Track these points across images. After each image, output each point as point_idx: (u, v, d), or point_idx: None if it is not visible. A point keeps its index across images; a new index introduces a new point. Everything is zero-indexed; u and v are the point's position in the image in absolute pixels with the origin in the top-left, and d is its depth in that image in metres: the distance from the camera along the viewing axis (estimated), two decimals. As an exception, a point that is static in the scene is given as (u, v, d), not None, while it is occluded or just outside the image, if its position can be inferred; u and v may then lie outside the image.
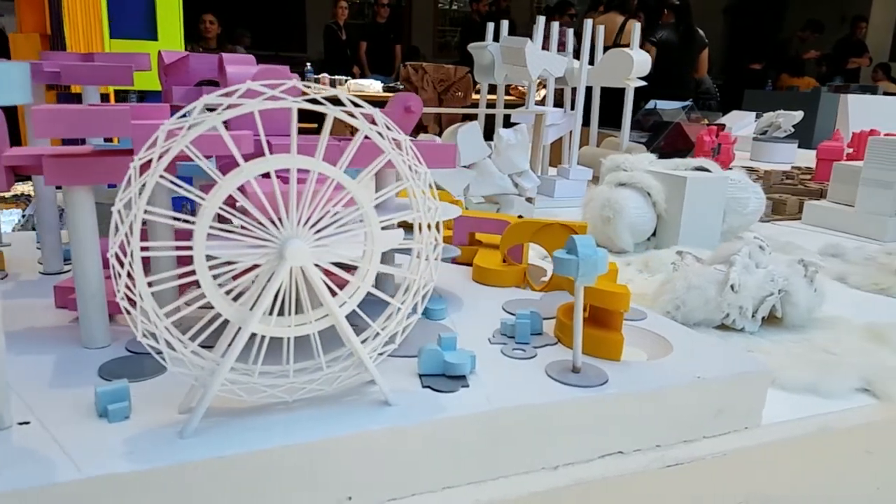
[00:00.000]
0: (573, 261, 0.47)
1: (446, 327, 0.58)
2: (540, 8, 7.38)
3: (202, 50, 4.56)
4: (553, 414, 0.46)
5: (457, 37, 8.26)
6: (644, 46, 4.39)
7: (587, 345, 0.54)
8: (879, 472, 0.62)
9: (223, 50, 4.67)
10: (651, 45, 4.49)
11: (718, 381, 0.51)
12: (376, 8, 6.20)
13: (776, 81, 6.40)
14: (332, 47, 5.97)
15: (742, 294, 0.69)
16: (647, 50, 4.43)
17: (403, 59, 6.14)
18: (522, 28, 1.46)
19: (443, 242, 0.71)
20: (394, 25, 6.50)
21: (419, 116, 0.61)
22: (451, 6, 9.63)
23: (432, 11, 9.06)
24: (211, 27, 4.62)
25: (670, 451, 0.51)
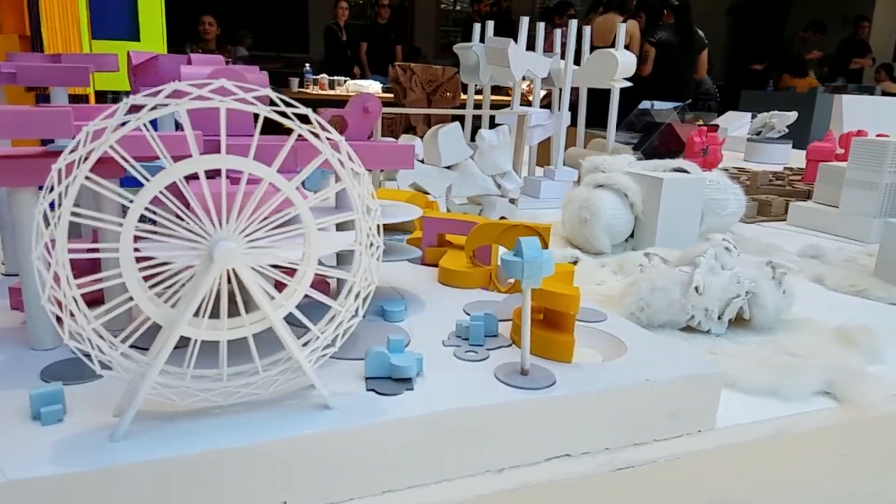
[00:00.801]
0: (518, 263, 0.47)
1: (402, 329, 0.58)
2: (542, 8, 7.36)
3: (201, 51, 4.57)
4: (497, 416, 0.46)
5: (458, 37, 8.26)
6: (643, 47, 4.39)
7: (539, 347, 0.53)
8: (854, 476, 0.61)
9: (222, 51, 4.68)
10: (651, 45, 4.49)
11: (668, 383, 0.51)
12: (377, 9, 6.20)
13: (778, 82, 6.38)
14: (333, 48, 5.98)
15: (707, 296, 0.68)
16: (647, 50, 4.44)
17: (404, 59, 6.14)
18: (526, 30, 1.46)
19: (407, 244, 0.71)
20: (394, 26, 6.50)
21: (378, 117, 0.61)
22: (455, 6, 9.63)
23: (434, 12, 9.05)
24: (210, 28, 4.63)
25: (620, 453, 0.50)
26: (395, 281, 0.72)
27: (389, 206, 0.65)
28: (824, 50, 6.97)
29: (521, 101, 1.48)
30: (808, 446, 0.57)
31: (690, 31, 4.45)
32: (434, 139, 1.16)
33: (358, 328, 0.57)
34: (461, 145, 1.18)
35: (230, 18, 6.53)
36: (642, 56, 4.54)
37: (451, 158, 1.17)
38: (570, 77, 1.39)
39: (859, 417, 0.59)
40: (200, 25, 4.63)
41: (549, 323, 0.55)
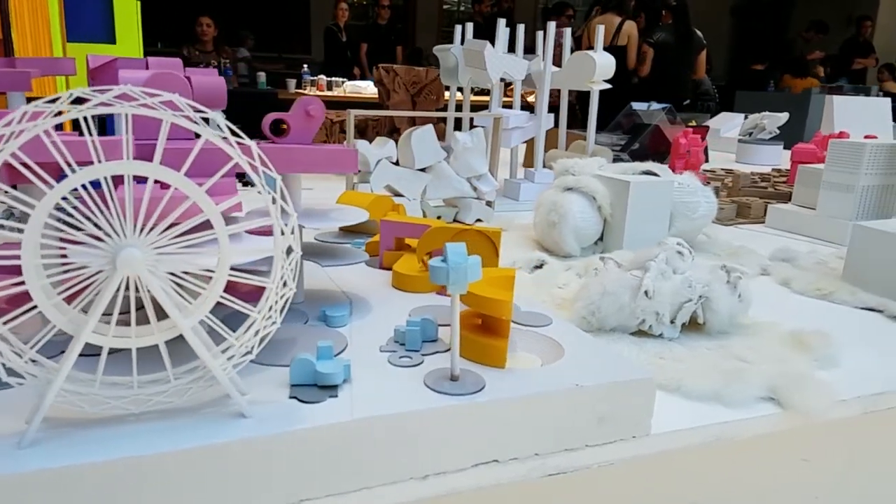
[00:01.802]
0: (443, 268, 0.47)
1: (341, 335, 0.57)
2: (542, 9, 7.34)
3: (198, 53, 4.58)
4: (421, 423, 0.46)
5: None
6: (642, 48, 4.39)
7: (473, 352, 0.53)
8: (818, 481, 0.61)
9: (220, 52, 4.69)
10: (649, 46, 4.48)
11: (598, 388, 0.51)
12: (377, 9, 6.20)
13: (779, 82, 6.36)
14: (332, 49, 5.98)
15: (657, 300, 0.68)
16: (645, 51, 4.43)
17: (405, 60, 6.14)
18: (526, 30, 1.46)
19: (356, 248, 0.71)
20: (395, 27, 6.50)
21: (321, 121, 0.61)
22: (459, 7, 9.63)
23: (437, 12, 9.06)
24: (207, 30, 4.63)
25: (551, 459, 0.50)
26: (349, 285, 0.72)
27: (335, 209, 0.65)
28: (827, 50, 6.94)
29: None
30: (748, 453, 0.57)
31: (689, 31, 4.43)
32: (408, 142, 1.16)
33: (295, 334, 0.57)
34: (435, 148, 1.18)
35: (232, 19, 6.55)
36: (641, 56, 4.54)
37: (424, 161, 1.17)
38: (549, 79, 1.38)
39: (802, 424, 0.58)
40: (198, 27, 4.64)
41: (486, 328, 0.55)
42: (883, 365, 0.70)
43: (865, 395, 0.62)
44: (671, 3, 4.35)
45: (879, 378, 0.66)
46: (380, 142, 1.18)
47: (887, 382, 0.65)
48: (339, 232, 0.96)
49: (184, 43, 4.66)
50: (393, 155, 1.17)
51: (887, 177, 1.20)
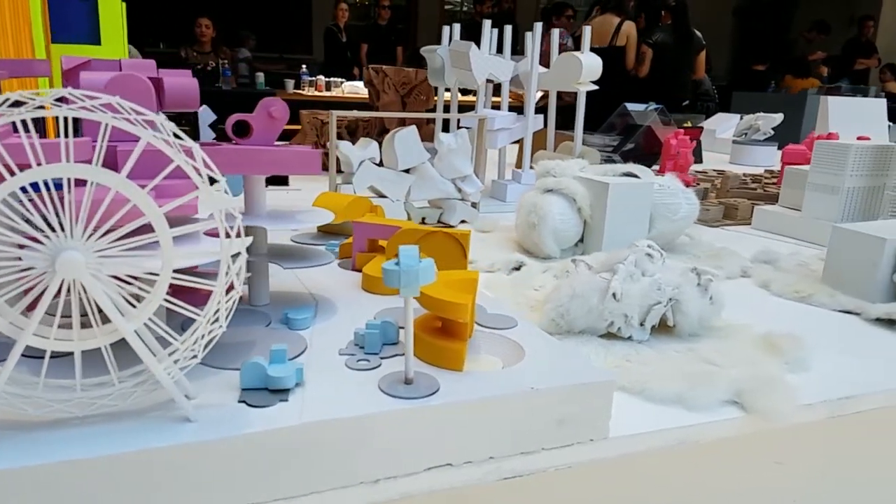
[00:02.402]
0: (395, 272, 0.46)
1: (302, 338, 0.57)
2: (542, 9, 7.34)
3: (196, 54, 4.58)
4: (371, 426, 0.46)
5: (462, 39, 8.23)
6: (641, 48, 4.38)
7: (431, 355, 0.53)
8: (782, 485, 0.60)
9: (217, 53, 4.70)
10: (648, 46, 4.48)
11: (555, 391, 0.50)
12: (377, 10, 6.21)
13: (780, 83, 6.35)
14: (332, 49, 5.99)
15: (625, 302, 0.68)
16: (644, 51, 4.43)
17: (406, 60, 6.15)
18: (525, 30, 1.45)
19: (324, 250, 0.71)
20: (395, 27, 6.51)
21: (284, 122, 0.61)
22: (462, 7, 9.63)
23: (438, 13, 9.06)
24: (206, 31, 4.64)
25: (506, 462, 0.50)
26: (318, 287, 0.71)
27: (302, 211, 0.64)
28: (829, 51, 6.93)
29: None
30: (711, 457, 0.56)
31: (688, 31, 4.43)
32: (391, 143, 1.16)
33: (255, 336, 0.57)
34: (418, 149, 1.17)
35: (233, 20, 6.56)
36: (640, 57, 4.53)
37: (407, 162, 1.17)
38: (536, 80, 1.38)
39: (766, 428, 0.58)
40: (197, 28, 4.64)
41: (445, 331, 0.55)
42: (853, 369, 0.69)
43: (832, 400, 0.62)
44: (670, 4, 4.34)
45: (849, 382, 0.66)
46: (363, 143, 1.17)
47: (856, 386, 0.65)
48: (318, 233, 0.96)
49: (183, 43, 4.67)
50: (376, 156, 1.17)
51: (873, 178, 1.19)
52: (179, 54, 4.70)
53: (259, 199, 0.62)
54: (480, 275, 0.94)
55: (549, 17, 5.34)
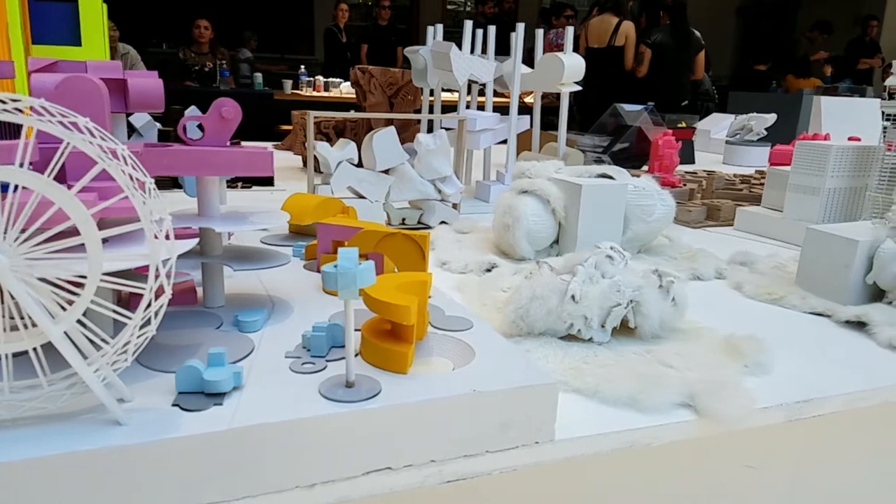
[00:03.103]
0: (332, 274, 0.46)
1: (250, 340, 0.57)
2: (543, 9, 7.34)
3: (194, 55, 4.59)
4: (306, 430, 0.45)
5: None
6: (640, 48, 4.37)
7: (378, 358, 0.53)
8: (745, 489, 0.60)
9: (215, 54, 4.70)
10: (647, 46, 4.47)
11: (498, 394, 0.50)
12: (378, 10, 6.21)
13: (782, 83, 6.33)
14: (332, 50, 5.99)
15: (584, 304, 0.67)
16: (642, 52, 4.42)
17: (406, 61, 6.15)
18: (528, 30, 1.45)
19: (281, 252, 0.70)
20: (396, 27, 6.51)
21: (237, 123, 0.61)
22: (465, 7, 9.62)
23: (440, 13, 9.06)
24: (205, 32, 4.64)
25: (448, 466, 0.50)
26: (279, 289, 0.71)
27: (257, 213, 0.64)
28: (833, 51, 6.90)
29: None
30: (661, 460, 0.56)
31: (686, 32, 4.42)
32: (369, 144, 1.16)
33: (204, 339, 0.57)
34: (397, 150, 1.17)
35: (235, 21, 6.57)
36: (639, 57, 4.52)
37: (386, 163, 1.17)
38: (518, 81, 1.38)
39: (719, 432, 0.57)
40: (196, 29, 4.65)
41: (393, 334, 0.55)
42: (816, 372, 0.69)
43: (789, 403, 0.62)
44: (667, 3, 4.33)
45: (809, 385, 0.65)
46: (340, 144, 1.17)
47: (816, 390, 0.64)
48: (289, 234, 0.96)
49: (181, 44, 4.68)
50: (354, 157, 1.16)
51: (854, 179, 1.19)
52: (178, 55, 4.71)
53: (212, 200, 0.62)
54: (453, 276, 0.94)
55: (549, 18, 5.34)
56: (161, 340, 0.56)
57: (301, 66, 5.51)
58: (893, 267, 0.84)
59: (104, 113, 0.59)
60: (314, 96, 4.87)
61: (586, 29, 4.64)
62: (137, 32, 5.67)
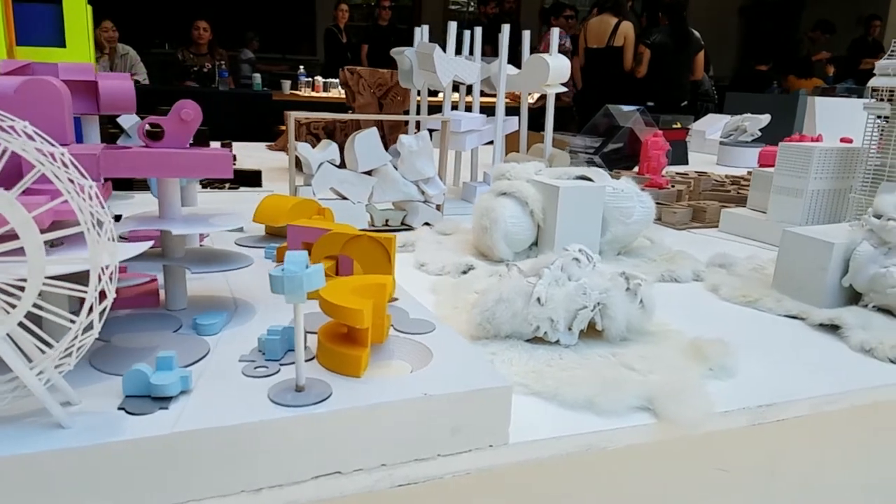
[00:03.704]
0: (279, 278, 0.46)
1: (206, 343, 0.57)
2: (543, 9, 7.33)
3: (192, 56, 4.60)
4: (252, 435, 0.45)
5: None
6: (639, 49, 4.37)
7: (333, 362, 0.53)
8: (701, 494, 0.60)
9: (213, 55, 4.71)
10: (646, 47, 4.46)
11: (449, 397, 0.50)
12: (378, 10, 6.21)
13: (783, 83, 6.31)
14: (333, 50, 6.00)
15: (549, 307, 0.67)
16: (642, 52, 4.41)
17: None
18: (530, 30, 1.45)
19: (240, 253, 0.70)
20: (397, 28, 6.51)
21: (197, 125, 0.61)
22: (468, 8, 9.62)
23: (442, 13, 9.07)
24: (204, 34, 4.65)
25: (399, 469, 0.50)
26: (244, 291, 0.71)
27: (217, 215, 0.64)
28: (836, 51, 6.88)
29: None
30: (617, 463, 0.56)
31: (685, 32, 4.41)
32: (351, 145, 1.16)
33: (160, 342, 0.57)
34: (379, 151, 1.17)
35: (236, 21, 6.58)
36: (638, 58, 4.52)
37: (368, 164, 1.17)
38: (504, 82, 1.38)
39: (678, 435, 0.57)
40: (195, 31, 4.66)
41: (349, 337, 0.55)
42: (783, 375, 0.68)
43: (752, 407, 0.61)
44: (666, 3, 4.32)
45: (775, 389, 0.65)
46: (322, 145, 1.17)
47: (781, 394, 0.64)
48: (264, 236, 0.96)
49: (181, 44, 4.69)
50: (336, 158, 1.16)
51: (837, 181, 1.18)
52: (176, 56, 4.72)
53: (172, 202, 0.62)
54: (429, 278, 0.94)
55: (548, 18, 5.33)
56: (118, 343, 0.56)
57: (300, 67, 5.50)
58: (869, 269, 0.83)
59: (63, 115, 0.59)
60: (312, 97, 4.87)
61: (585, 29, 4.64)
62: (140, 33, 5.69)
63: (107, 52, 4.51)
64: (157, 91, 4.23)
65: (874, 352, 0.74)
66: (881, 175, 1.10)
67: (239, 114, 3.83)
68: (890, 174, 1.09)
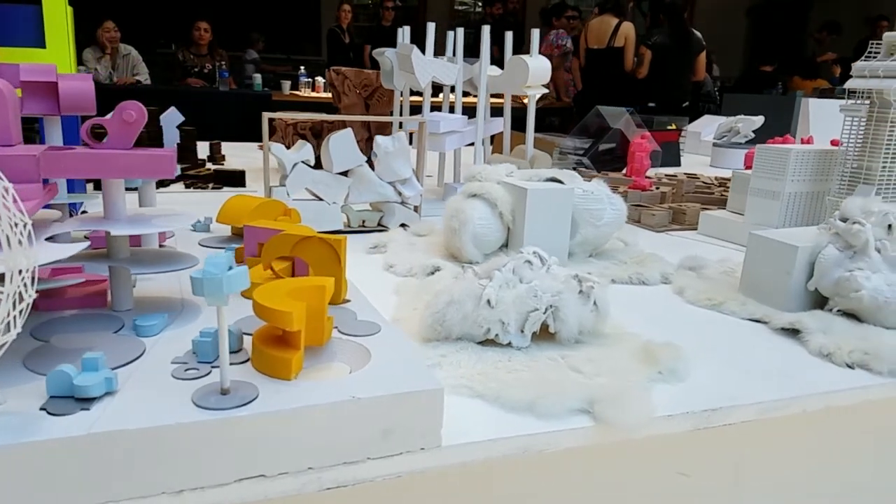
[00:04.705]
0: (198, 280, 0.46)
1: (143, 344, 0.57)
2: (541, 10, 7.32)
3: (193, 56, 4.61)
4: (171, 437, 0.45)
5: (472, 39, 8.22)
6: (640, 49, 4.36)
7: (265, 365, 0.53)
8: (637, 499, 0.60)
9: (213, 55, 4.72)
10: (647, 47, 4.45)
11: (378, 400, 0.50)
12: (382, 11, 6.22)
13: (789, 84, 6.29)
14: (335, 51, 6.01)
15: (499, 309, 0.67)
16: (643, 53, 4.40)
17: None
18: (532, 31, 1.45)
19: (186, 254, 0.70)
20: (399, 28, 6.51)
21: (140, 126, 0.61)
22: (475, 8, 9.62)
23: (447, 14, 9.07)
24: (205, 35, 4.66)
25: (328, 473, 0.49)
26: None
27: (161, 216, 0.64)
28: (842, 51, 6.85)
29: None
30: (554, 466, 0.55)
31: (685, 32, 4.40)
32: (326, 145, 1.16)
33: (97, 342, 0.57)
34: (354, 152, 1.17)
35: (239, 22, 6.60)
36: (639, 58, 4.51)
37: (343, 165, 1.17)
38: (486, 83, 1.37)
39: (618, 439, 0.57)
40: (196, 31, 4.67)
41: (283, 340, 0.54)
42: (735, 380, 0.68)
43: (696, 412, 0.61)
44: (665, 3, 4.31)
45: (723, 394, 0.64)
46: (297, 145, 1.17)
47: (729, 398, 0.63)
48: (230, 236, 0.96)
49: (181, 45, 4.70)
50: (311, 158, 1.16)
51: (815, 183, 1.18)
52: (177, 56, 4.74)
53: (117, 203, 0.62)
54: (396, 279, 0.94)
55: (549, 18, 5.33)
56: (56, 343, 0.56)
57: (301, 67, 5.51)
58: (834, 273, 0.83)
59: (8, 115, 0.59)
60: (312, 97, 4.88)
61: (586, 30, 4.63)
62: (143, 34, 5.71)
63: (108, 52, 4.52)
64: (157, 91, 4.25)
65: (832, 357, 0.73)
66: (858, 177, 1.09)
67: (238, 114, 3.85)
68: (867, 177, 1.08)
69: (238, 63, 6.17)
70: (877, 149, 1.06)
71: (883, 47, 1.07)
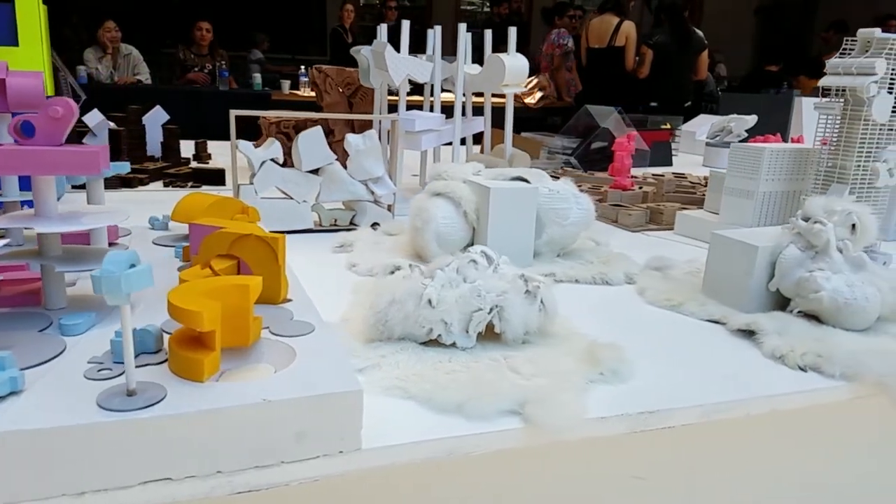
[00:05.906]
0: (98, 279, 0.45)
1: (62, 343, 0.56)
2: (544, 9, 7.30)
3: (193, 56, 4.62)
4: (70, 438, 0.44)
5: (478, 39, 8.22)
6: (641, 49, 4.33)
7: (179, 366, 0.52)
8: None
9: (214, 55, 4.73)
10: (648, 47, 4.43)
11: (291, 402, 0.49)
12: (385, 11, 6.21)
13: (794, 83, 6.25)
14: (338, 50, 6.01)
15: (441, 309, 0.66)
16: (644, 52, 4.38)
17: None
18: (537, 31, 1.44)
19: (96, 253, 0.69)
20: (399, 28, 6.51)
21: (69, 122, 0.60)
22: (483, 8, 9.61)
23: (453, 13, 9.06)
24: (206, 35, 4.67)
25: (238, 476, 0.48)
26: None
27: (90, 213, 0.63)
28: (848, 51, 6.79)
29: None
30: (478, 469, 0.54)
31: (686, 32, 4.37)
32: (295, 143, 1.15)
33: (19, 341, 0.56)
34: (323, 150, 1.16)
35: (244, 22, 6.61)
36: (640, 58, 4.49)
37: (312, 163, 1.16)
38: (462, 82, 1.36)
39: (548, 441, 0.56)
40: (197, 31, 4.68)
41: (199, 341, 0.53)
42: (679, 382, 0.66)
43: (631, 414, 0.59)
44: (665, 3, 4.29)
45: (663, 396, 0.63)
46: (266, 143, 1.17)
47: (669, 401, 0.62)
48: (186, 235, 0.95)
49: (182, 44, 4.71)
50: (279, 156, 1.16)
51: (790, 183, 1.16)
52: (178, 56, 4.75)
53: (48, 200, 0.61)
54: (357, 278, 0.93)
55: (552, 18, 5.31)
56: (-22, 342, 0.55)
57: (301, 67, 5.51)
58: (795, 273, 0.81)
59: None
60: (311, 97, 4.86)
61: (587, 29, 4.61)
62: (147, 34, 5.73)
63: (109, 52, 4.54)
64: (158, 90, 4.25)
65: (784, 359, 0.72)
66: (832, 177, 1.07)
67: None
68: (840, 176, 1.06)
69: (243, 63, 6.18)
70: (850, 147, 1.04)
71: (857, 44, 1.05)
